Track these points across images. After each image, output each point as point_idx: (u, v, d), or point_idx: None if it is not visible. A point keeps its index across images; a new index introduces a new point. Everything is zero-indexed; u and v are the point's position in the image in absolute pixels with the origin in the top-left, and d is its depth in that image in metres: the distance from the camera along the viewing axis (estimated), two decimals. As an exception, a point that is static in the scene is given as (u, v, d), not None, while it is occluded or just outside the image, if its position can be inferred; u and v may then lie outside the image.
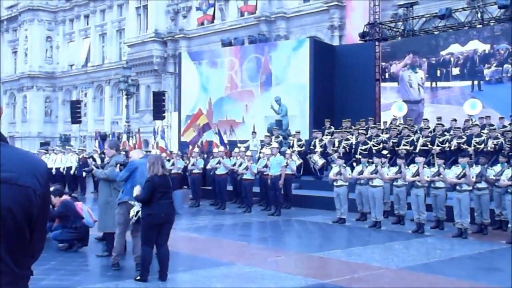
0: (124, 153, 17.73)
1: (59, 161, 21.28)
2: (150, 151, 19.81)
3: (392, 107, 20.79)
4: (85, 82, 46.68)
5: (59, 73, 49.10)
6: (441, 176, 11.51)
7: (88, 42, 46.82)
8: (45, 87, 49.33)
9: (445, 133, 16.32)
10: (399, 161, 12.74)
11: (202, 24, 36.94)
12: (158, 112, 28.34)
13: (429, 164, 13.80)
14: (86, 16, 47.04)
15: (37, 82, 48.99)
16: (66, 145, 31.75)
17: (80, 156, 20.89)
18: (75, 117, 32.36)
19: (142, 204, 7.08)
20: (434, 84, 21.03)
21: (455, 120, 17.31)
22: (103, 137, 25.70)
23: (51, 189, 9.75)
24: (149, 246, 7.06)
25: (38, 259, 2.02)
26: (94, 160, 16.84)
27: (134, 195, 7.08)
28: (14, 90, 51.05)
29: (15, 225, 1.81)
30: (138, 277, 7.12)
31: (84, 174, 19.89)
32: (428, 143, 16.09)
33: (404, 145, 16.28)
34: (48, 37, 49.38)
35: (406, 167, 12.43)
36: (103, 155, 16.43)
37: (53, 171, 20.68)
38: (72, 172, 20.83)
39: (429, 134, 16.56)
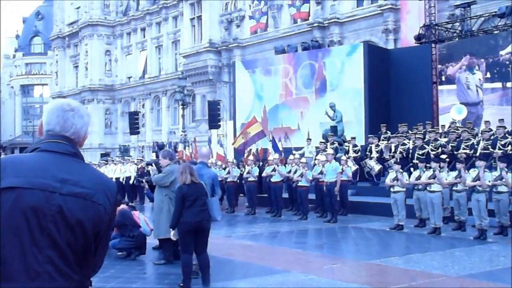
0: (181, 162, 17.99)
1: (119, 171, 21.95)
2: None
3: (451, 110, 20.25)
4: (142, 93, 47.79)
5: (118, 85, 50.43)
6: (504, 180, 11.12)
7: (145, 54, 47.91)
8: (105, 99, 50.79)
9: (507, 135, 15.75)
10: (458, 165, 12.41)
11: (255, 32, 37.14)
12: (214, 121, 28.63)
13: (491, 168, 13.38)
14: (143, 29, 48.17)
15: (97, 95, 50.49)
16: (125, 155, 32.52)
17: (139, 166, 21.37)
18: (134, 128, 33.12)
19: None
20: (493, 85, 20.34)
21: (517, 122, 16.71)
22: (160, 147, 26.23)
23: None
24: (188, 253, 7.14)
25: (97, 272, 2.12)
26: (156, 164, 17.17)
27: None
28: (76, 103, 52.74)
29: (84, 238, 1.95)
30: (181, 284, 7.23)
31: (142, 184, 20.34)
32: (489, 147, 15.57)
33: (464, 148, 15.84)
34: (107, 51, 50.84)
35: (466, 171, 12.09)
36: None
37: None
38: (131, 182, 21.38)
39: (490, 137, 16.02)
